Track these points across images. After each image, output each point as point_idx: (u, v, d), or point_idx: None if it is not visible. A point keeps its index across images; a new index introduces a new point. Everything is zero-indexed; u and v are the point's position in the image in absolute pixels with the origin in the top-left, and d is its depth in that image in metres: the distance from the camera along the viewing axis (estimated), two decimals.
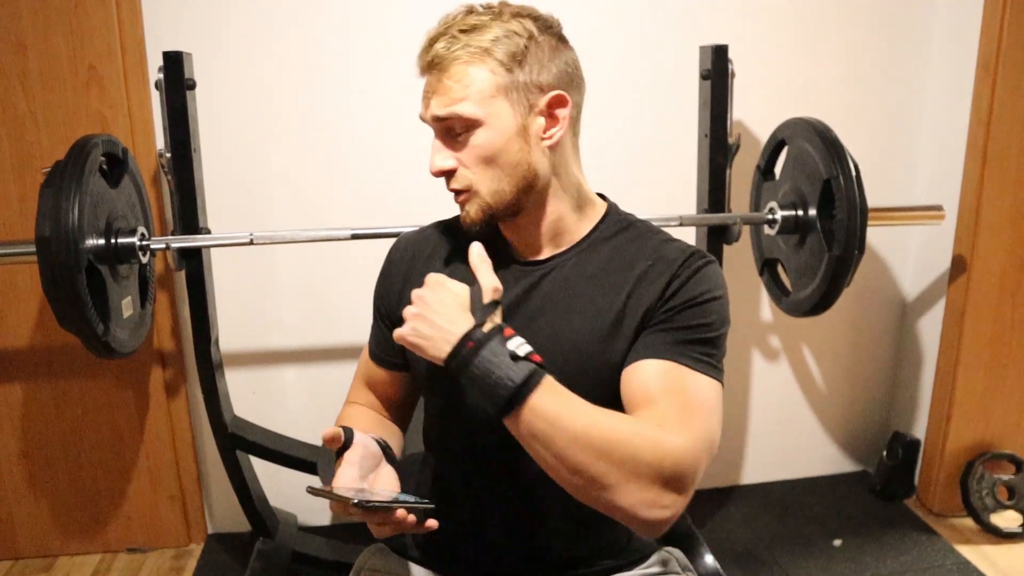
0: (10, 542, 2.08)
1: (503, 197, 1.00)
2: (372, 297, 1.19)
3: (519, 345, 0.88)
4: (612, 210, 1.09)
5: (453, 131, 0.98)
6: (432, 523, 0.91)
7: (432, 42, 0.98)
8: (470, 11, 0.99)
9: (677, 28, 2.02)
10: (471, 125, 0.97)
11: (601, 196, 1.12)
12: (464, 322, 0.89)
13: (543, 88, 0.98)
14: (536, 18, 0.99)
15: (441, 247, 1.13)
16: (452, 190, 1.02)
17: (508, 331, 0.89)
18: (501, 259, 1.06)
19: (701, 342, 0.96)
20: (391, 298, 1.13)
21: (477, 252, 0.96)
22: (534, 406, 0.85)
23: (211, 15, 1.85)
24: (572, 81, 1.01)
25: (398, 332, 0.92)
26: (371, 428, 1.08)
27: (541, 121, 0.99)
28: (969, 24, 2.03)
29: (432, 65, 0.98)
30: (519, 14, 0.99)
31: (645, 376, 0.93)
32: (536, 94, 0.98)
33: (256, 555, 1.91)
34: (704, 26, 2.02)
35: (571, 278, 1.04)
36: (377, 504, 0.85)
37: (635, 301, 0.99)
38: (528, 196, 1.01)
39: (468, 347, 0.86)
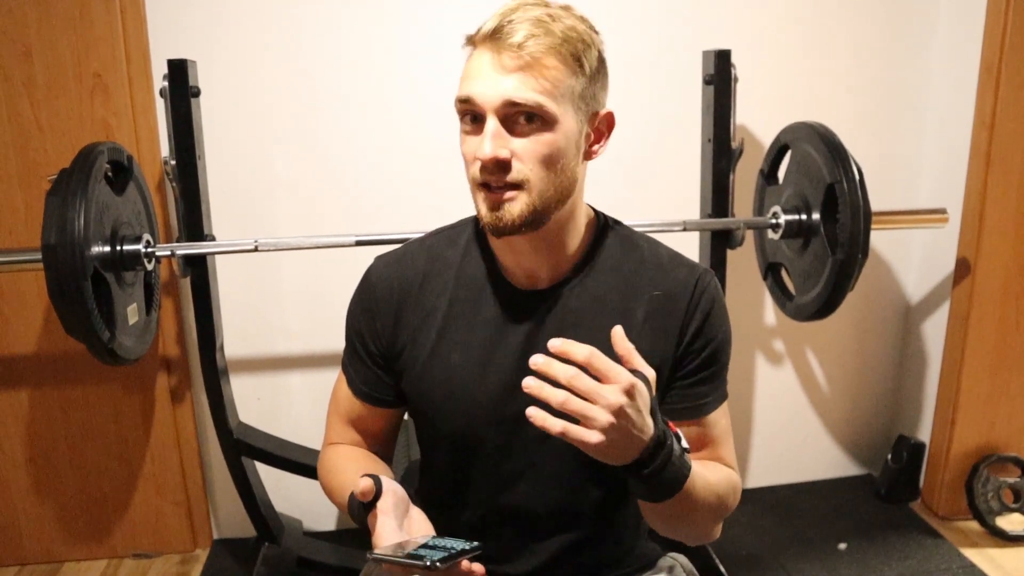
0: (16, 548, 2.09)
1: (548, 203, 0.93)
2: (348, 328, 1.10)
3: (683, 438, 0.88)
4: (601, 220, 1.06)
5: (515, 120, 0.90)
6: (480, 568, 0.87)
7: (516, 21, 0.89)
8: (546, 3, 0.92)
9: (680, 33, 2.03)
10: (547, 120, 0.89)
11: (589, 206, 1.07)
12: (649, 426, 0.81)
13: (600, 104, 0.96)
14: (596, 31, 0.96)
15: (432, 275, 1.05)
16: (502, 183, 0.91)
17: (672, 425, 0.88)
18: (499, 287, 1.02)
19: (722, 377, 1.04)
20: (382, 336, 1.05)
21: (623, 342, 0.83)
22: (688, 492, 0.88)
23: (215, 23, 1.85)
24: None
25: (588, 439, 0.77)
26: (370, 468, 1.03)
27: (590, 135, 0.97)
28: (972, 27, 2.03)
29: (518, 46, 0.87)
30: (591, 25, 0.95)
31: (687, 434, 0.99)
32: (595, 108, 0.95)
33: (261, 560, 1.91)
34: (707, 31, 2.03)
35: (579, 309, 1.00)
36: (448, 563, 0.82)
37: (650, 338, 0.99)
38: (560, 207, 0.95)
39: (660, 455, 0.83)
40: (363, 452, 1.12)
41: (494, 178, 0.91)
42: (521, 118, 0.90)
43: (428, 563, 0.80)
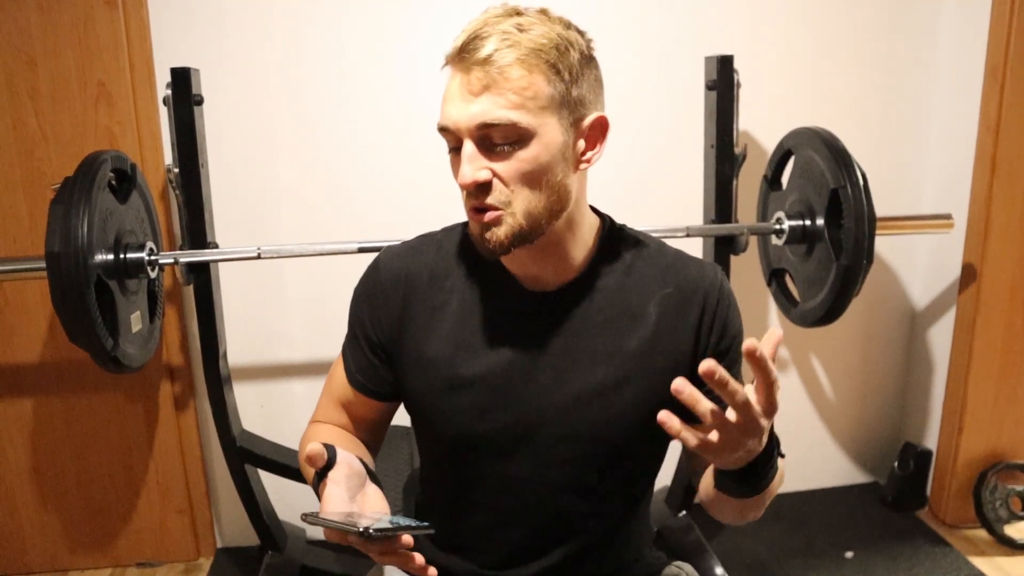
0: (20, 557, 2.08)
1: (536, 220, 0.90)
2: (351, 315, 1.08)
3: (779, 442, 0.91)
4: (607, 223, 1.04)
5: (491, 141, 0.87)
6: (432, 572, 0.84)
7: (481, 37, 0.86)
8: (518, 12, 0.89)
9: (683, 39, 2.03)
10: (523, 137, 0.87)
11: (594, 210, 1.05)
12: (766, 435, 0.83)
13: (589, 108, 0.92)
14: (582, 32, 0.92)
15: (441, 271, 1.03)
16: (483, 206, 0.90)
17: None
18: (507, 288, 1.01)
19: (739, 370, 1.03)
20: (386, 327, 1.03)
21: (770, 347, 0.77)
22: (771, 487, 0.91)
23: (218, 32, 1.86)
24: (602, 102, 0.96)
25: (724, 457, 0.80)
26: (347, 448, 0.99)
27: (581, 143, 0.93)
28: (976, 31, 2.03)
29: (482, 63, 0.85)
30: (569, 26, 0.91)
31: None
32: (581, 113, 0.91)
33: (265, 569, 1.91)
34: (710, 37, 2.03)
35: (589, 310, 0.99)
36: (384, 533, 0.77)
37: (665, 339, 0.99)
38: (554, 221, 0.93)
39: (773, 455, 0.86)
40: (346, 434, 1.10)
41: (478, 201, 0.90)
42: (496, 137, 0.87)
43: (360, 529, 0.74)
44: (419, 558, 0.82)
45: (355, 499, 0.87)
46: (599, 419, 0.98)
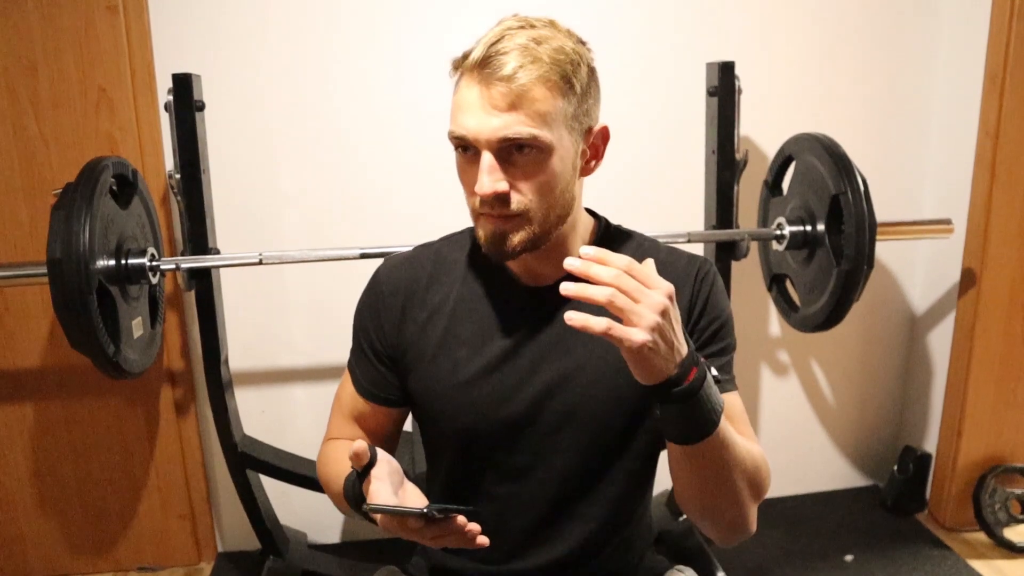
0: (21, 561, 2.08)
1: (549, 227, 0.95)
2: (355, 327, 1.11)
3: (711, 367, 0.88)
4: (603, 223, 1.08)
5: (509, 152, 0.90)
6: (484, 540, 0.85)
7: (502, 52, 0.87)
8: (531, 24, 0.91)
9: (684, 45, 2.03)
10: (542, 150, 0.90)
11: (589, 211, 1.09)
12: (683, 342, 0.81)
13: (594, 119, 0.96)
14: (584, 43, 0.95)
15: (439, 275, 1.07)
16: (503, 215, 0.92)
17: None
18: (506, 284, 1.04)
19: (728, 363, 1.04)
20: (388, 335, 1.07)
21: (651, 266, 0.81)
22: (722, 439, 0.86)
23: (219, 37, 1.86)
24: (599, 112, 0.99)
25: (634, 337, 0.75)
26: None
27: (587, 152, 0.97)
28: (975, 36, 2.03)
29: (507, 79, 0.87)
30: (577, 39, 0.94)
31: None
32: (588, 124, 0.95)
33: (266, 574, 1.91)
34: (711, 43, 2.03)
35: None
36: (444, 512, 0.80)
37: None
38: (561, 226, 0.97)
39: (694, 372, 0.80)
40: None
41: (495, 211, 0.92)
42: (516, 150, 0.90)
43: (424, 510, 0.79)
44: (475, 527, 0.83)
45: (396, 494, 0.88)
46: (599, 405, 1.01)
